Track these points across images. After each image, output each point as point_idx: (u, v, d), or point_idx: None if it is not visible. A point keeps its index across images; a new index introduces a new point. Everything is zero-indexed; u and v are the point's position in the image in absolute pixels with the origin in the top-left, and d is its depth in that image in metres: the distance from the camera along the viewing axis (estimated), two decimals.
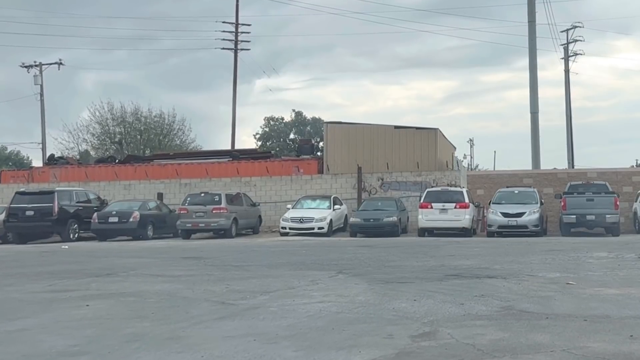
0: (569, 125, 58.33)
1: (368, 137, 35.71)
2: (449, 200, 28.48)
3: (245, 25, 53.86)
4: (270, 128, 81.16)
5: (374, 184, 34.37)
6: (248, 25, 54.22)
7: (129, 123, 63.24)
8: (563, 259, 16.17)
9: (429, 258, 17.22)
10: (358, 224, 28.88)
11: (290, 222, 29.43)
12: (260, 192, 34.78)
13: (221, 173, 35.84)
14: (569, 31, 58.43)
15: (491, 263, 15.50)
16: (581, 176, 33.33)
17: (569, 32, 58.45)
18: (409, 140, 35.48)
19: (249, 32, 54.12)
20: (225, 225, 28.94)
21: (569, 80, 58.95)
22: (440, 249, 20.39)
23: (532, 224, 27.53)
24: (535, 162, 43.90)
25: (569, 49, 58.85)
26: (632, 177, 33.37)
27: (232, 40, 53.11)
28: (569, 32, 58.39)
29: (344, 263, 16.14)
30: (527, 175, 34.55)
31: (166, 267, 15.98)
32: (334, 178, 34.78)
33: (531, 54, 45.43)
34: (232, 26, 53.16)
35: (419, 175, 34.08)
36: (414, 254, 18.53)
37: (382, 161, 34.83)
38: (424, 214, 28.33)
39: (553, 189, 32.87)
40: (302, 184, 34.75)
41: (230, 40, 53.25)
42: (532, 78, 44.83)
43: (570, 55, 59.05)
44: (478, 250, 19.88)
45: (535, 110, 45.45)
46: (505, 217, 27.69)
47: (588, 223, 27.81)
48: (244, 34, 53.64)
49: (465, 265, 15.18)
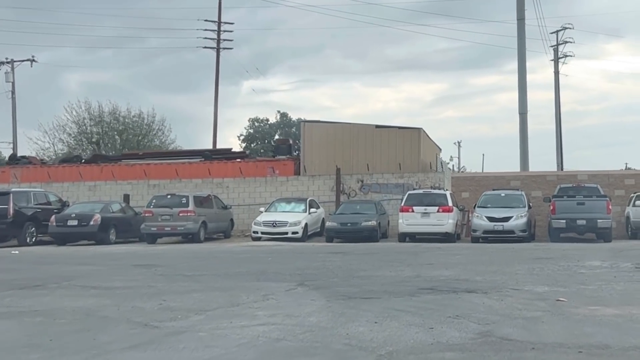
0: (559, 128, 57.24)
1: (347, 137, 34.18)
2: (432, 203, 26.96)
3: (228, 24, 52.77)
4: (255, 129, 79.62)
5: (353, 186, 32.83)
6: (231, 24, 53.10)
7: (106, 123, 61.54)
8: (552, 269, 14.67)
9: (404, 267, 15.69)
10: (334, 229, 27.33)
11: (263, 226, 27.85)
12: (233, 194, 33.18)
13: (192, 174, 34.22)
14: (559, 32, 57.44)
15: (472, 273, 13.98)
16: (571, 178, 31.87)
17: (558, 33, 57.45)
18: (391, 140, 33.97)
19: (231, 31, 52.93)
20: (193, 229, 27.33)
21: (558, 81, 58.02)
22: (419, 257, 18.87)
23: (519, 229, 26.05)
24: (524, 164, 42.48)
25: (558, 51, 57.85)
26: (625, 179, 31.96)
27: (215, 39, 51.74)
28: (559, 34, 57.45)
29: (309, 273, 14.59)
30: (515, 178, 33.05)
31: (109, 276, 14.38)
32: (311, 180, 33.22)
33: (520, 52, 43.98)
34: (215, 25, 51.85)
35: (401, 177, 32.57)
36: (389, 262, 17.01)
37: (363, 162, 33.29)
38: (404, 218, 26.79)
39: (542, 192, 31.42)
40: (278, 186, 33.18)
41: (212, 39, 51.92)
42: (521, 78, 43.41)
43: (560, 57, 58.11)
44: (460, 258, 18.36)
45: (523, 111, 43.99)
46: (490, 222, 26.19)
47: (578, 228, 26.38)
48: (226, 33, 52.52)
49: (443, 276, 13.66)
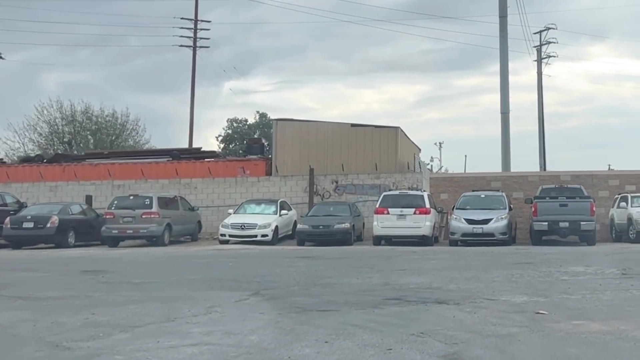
0: (541, 128, 56.62)
1: (322, 136, 33.12)
2: (408, 205, 25.93)
3: (204, 22, 51.93)
4: (233, 130, 78.55)
5: (327, 187, 31.75)
6: (208, 22, 52.32)
7: (79, 122, 60.24)
8: (533, 276, 13.63)
9: (374, 273, 14.62)
10: (305, 232, 26.24)
11: (231, 228, 26.70)
12: (201, 195, 32.02)
13: (159, 174, 33.01)
14: (542, 33, 56.92)
15: (446, 281, 12.93)
16: (554, 179, 30.90)
17: (542, 33, 56.94)
18: (367, 139, 32.95)
19: (208, 29, 52.06)
20: (157, 232, 26.14)
21: (541, 82, 57.52)
22: (392, 261, 17.81)
23: (499, 231, 25.06)
24: (506, 165, 41.50)
25: (542, 51, 57.39)
26: (609, 180, 31.06)
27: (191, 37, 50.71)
28: (542, 34, 56.93)
29: (269, 280, 13.49)
30: (495, 178, 32.07)
31: (47, 284, 13.21)
32: (283, 180, 32.11)
33: (502, 50, 42.99)
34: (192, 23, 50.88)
35: (377, 178, 31.53)
36: (358, 268, 15.93)
37: (337, 162, 32.25)
38: (379, 220, 25.75)
39: (523, 193, 30.47)
40: (248, 187, 32.03)
41: (189, 37, 50.98)
42: (503, 76, 42.40)
43: (544, 58, 57.74)
44: (435, 263, 17.31)
45: (505, 110, 43.00)
46: (469, 224, 25.18)
47: (561, 231, 25.42)
48: (203, 31, 51.60)
49: (414, 283, 12.60)
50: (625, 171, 31.93)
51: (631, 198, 27.04)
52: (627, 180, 30.71)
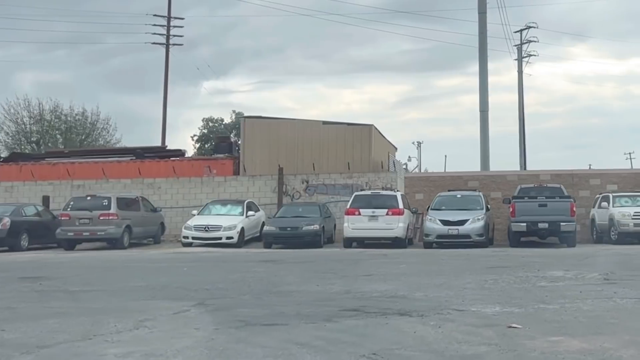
0: (522, 127, 56.11)
1: (292, 134, 32.12)
2: (381, 205, 24.98)
3: (178, 19, 50.93)
4: (209, 129, 77.48)
5: (297, 187, 30.68)
6: (181, 19, 51.27)
7: (47, 121, 58.97)
8: (508, 282, 12.66)
9: (337, 279, 13.61)
10: (272, 234, 25.24)
11: (194, 230, 25.63)
12: (165, 196, 30.85)
13: (121, 173, 31.78)
14: (523, 31, 56.54)
15: (414, 288, 11.94)
16: (533, 179, 30.06)
17: (522, 32, 56.56)
18: (339, 137, 31.98)
19: (182, 27, 51.07)
20: (115, 234, 24.99)
21: (522, 80, 57.07)
22: (359, 266, 16.81)
23: (475, 233, 24.17)
24: (485, 164, 40.69)
25: (522, 50, 57.10)
26: (590, 179, 30.23)
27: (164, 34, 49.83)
28: (523, 33, 56.51)
29: (220, 288, 12.46)
30: (473, 178, 31.16)
31: None
32: (252, 180, 30.99)
33: (481, 47, 42.17)
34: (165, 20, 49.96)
35: (349, 177, 30.51)
36: (322, 273, 14.92)
37: (308, 161, 31.24)
38: (350, 221, 24.77)
39: (502, 193, 29.57)
40: (215, 187, 30.89)
41: (162, 35, 50.04)
42: (482, 74, 41.58)
43: (524, 57, 57.44)
44: (405, 267, 16.33)
45: (485, 108, 42.21)
46: (444, 225, 24.28)
47: (540, 232, 24.63)
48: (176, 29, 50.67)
49: (378, 291, 11.60)
50: (607, 170, 31.16)
51: (613, 198, 26.31)
52: (608, 180, 29.92)
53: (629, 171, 33.71)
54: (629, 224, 24.88)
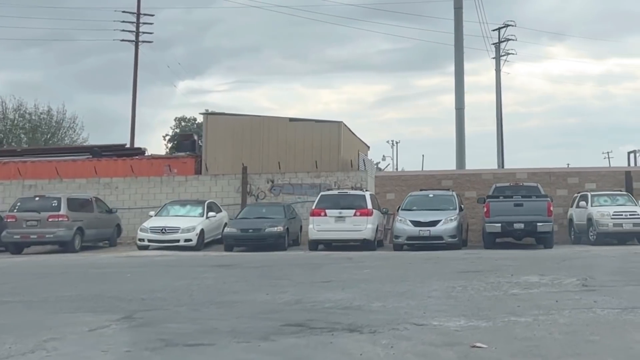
0: (500, 126, 55.76)
1: (257, 132, 30.97)
2: (348, 206, 23.86)
3: (148, 16, 49.79)
4: (181, 129, 76.25)
5: (262, 186, 29.49)
6: (151, 15, 50.19)
7: (10, 120, 57.54)
8: (477, 289, 11.57)
9: (291, 287, 12.49)
10: (233, 236, 24.05)
11: (150, 232, 24.38)
12: (123, 196, 29.54)
13: (76, 173, 30.42)
14: (501, 30, 56.24)
15: (373, 297, 10.84)
16: (509, 177, 29.15)
17: (500, 30, 56.23)
18: (307, 135, 30.87)
19: (152, 24, 49.94)
20: (65, 236, 23.70)
21: (499, 79, 56.84)
22: (319, 271, 15.68)
23: (448, 234, 23.12)
24: (460, 163, 39.83)
25: (500, 49, 56.91)
26: (568, 178, 29.31)
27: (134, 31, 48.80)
28: (501, 31, 56.21)
29: (158, 297, 11.29)
30: (446, 177, 30.14)
31: None
32: (214, 180, 29.77)
33: (457, 43, 41.28)
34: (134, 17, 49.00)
35: (317, 177, 29.38)
36: (276, 280, 13.80)
37: (274, 160, 30.07)
38: (315, 222, 23.63)
39: (476, 193, 28.61)
40: (175, 187, 29.62)
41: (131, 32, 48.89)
42: (457, 71, 40.68)
43: (502, 55, 57.23)
44: (369, 272, 15.23)
45: (460, 106, 41.39)
46: (415, 227, 23.22)
47: (516, 233, 23.67)
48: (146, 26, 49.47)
49: (332, 301, 10.49)
50: (585, 168, 30.26)
51: (591, 197, 25.49)
52: (586, 178, 29.05)
53: (608, 169, 32.84)
54: (608, 224, 24.05)
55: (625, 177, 28.74)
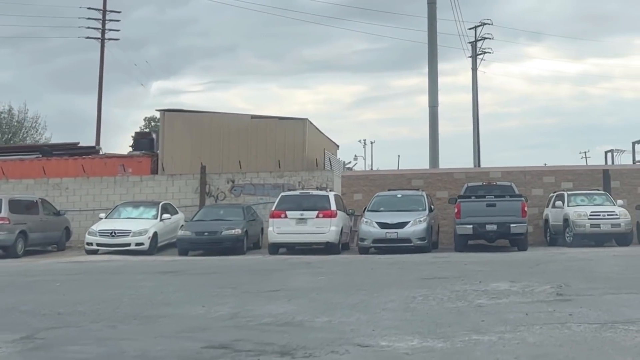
0: (476, 126, 54.96)
1: (217, 130, 29.71)
2: (310, 207, 22.69)
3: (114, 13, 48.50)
4: (151, 129, 74.92)
5: (222, 187, 28.20)
6: (118, 12, 48.91)
7: None
8: (440, 299, 10.42)
9: (233, 297, 11.30)
10: (188, 239, 22.77)
11: (99, 236, 23.05)
12: (73, 197, 28.12)
13: (23, 173, 28.96)
14: (478, 28, 55.48)
15: (320, 309, 9.67)
16: (483, 176, 28.05)
17: (477, 29, 55.51)
18: (270, 132, 29.65)
19: (118, 20, 48.64)
20: (6, 241, 22.26)
21: (476, 78, 55.81)
22: (271, 278, 14.49)
23: (416, 236, 21.98)
24: (434, 162, 38.72)
25: (477, 47, 56.08)
26: (544, 177, 28.24)
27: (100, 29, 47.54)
28: (478, 30, 55.46)
29: (78, 311, 10.07)
30: (417, 176, 28.99)
31: None
32: (171, 180, 28.43)
33: (431, 39, 40.10)
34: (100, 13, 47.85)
35: (280, 177, 28.15)
36: (219, 289, 12.56)
37: (235, 159, 28.83)
38: (275, 225, 22.42)
39: (448, 192, 27.47)
40: (129, 187, 28.25)
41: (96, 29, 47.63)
42: (431, 67, 39.49)
43: (479, 54, 56.51)
44: (324, 279, 14.04)
45: (434, 104, 40.20)
46: (382, 229, 22.07)
47: (488, 234, 22.61)
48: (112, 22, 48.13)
49: (272, 315, 9.31)
50: (562, 167, 29.24)
51: (568, 196, 24.56)
52: (563, 177, 28.01)
53: (585, 168, 31.88)
54: (585, 224, 23.11)
55: (603, 176, 27.76)
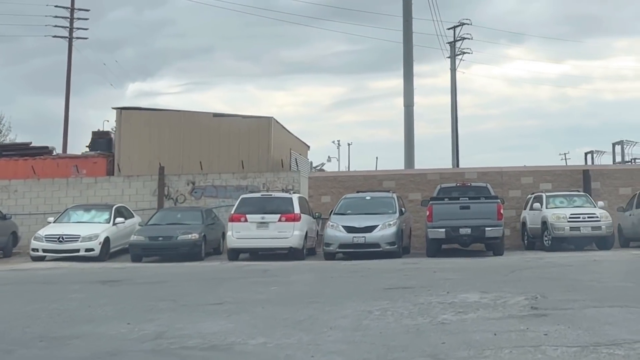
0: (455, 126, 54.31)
1: (177, 129, 28.63)
2: (273, 210, 21.52)
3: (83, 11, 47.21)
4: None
5: (182, 189, 26.97)
6: (86, 10, 47.63)
7: None
8: (399, 314, 9.25)
9: (166, 313, 10.10)
10: (140, 244, 21.53)
11: (45, 241, 21.73)
12: (23, 200, 26.75)
13: None
14: (457, 28, 55.10)
15: (259, 327, 8.54)
16: (458, 177, 26.96)
17: (456, 29, 55.12)
18: (233, 132, 28.52)
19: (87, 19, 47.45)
20: None
21: (455, 78, 55.14)
22: (219, 288, 13.28)
23: (385, 241, 20.86)
24: (409, 162, 37.60)
25: (455, 47, 55.39)
26: (521, 177, 27.18)
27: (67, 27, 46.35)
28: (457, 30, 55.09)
29: None
30: (389, 177, 27.83)
31: None
32: (128, 181, 27.15)
33: (406, 37, 38.96)
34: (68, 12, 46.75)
35: (244, 178, 26.97)
36: (157, 301, 11.32)
37: (195, 159, 27.62)
38: (235, 229, 21.22)
39: (421, 194, 26.34)
40: (83, 190, 26.92)
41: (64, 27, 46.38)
42: (406, 66, 38.35)
43: (458, 54, 55.94)
44: (276, 289, 12.87)
45: (409, 103, 39.11)
46: (349, 233, 20.93)
47: (462, 239, 21.55)
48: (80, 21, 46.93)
49: (202, 334, 8.16)
50: (540, 167, 28.21)
51: (546, 198, 23.65)
52: (542, 178, 26.97)
53: (564, 168, 30.93)
54: (565, 227, 22.11)
55: (583, 177, 26.73)
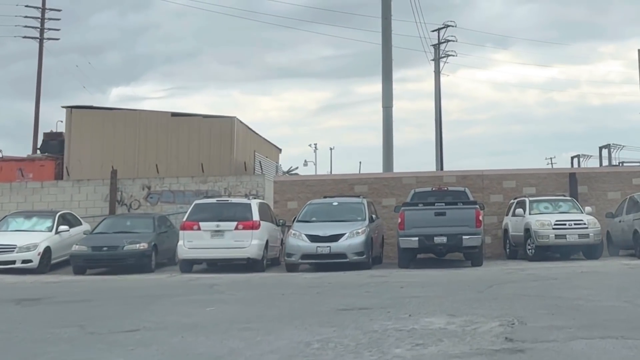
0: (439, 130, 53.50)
1: (132, 130, 27.20)
2: (229, 217, 19.93)
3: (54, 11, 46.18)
4: None
5: (136, 194, 25.37)
6: (58, 10, 46.60)
7: None
8: (343, 346, 7.60)
9: (64, 344, 8.54)
10: (82, 255, 19.89)
11: None
12: None
13: None
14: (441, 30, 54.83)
15: None
16: (435, 181, 25.32)
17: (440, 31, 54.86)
18: (193, 133, 27.11)
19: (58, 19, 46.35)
20: None
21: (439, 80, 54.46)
22: (147, 308, 11.56)
23: (353, 250, 19.29)
24: (388, 165, 36.06)
25: (440, 50, 54.88)
26: (503, 181, 25.62)
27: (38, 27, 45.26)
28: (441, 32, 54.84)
29: None
30: (360, 181, 26.22)
31: None
32: (77, 186, 25.55)
33: (385, 34, 37.37)
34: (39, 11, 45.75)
35: (204, 182, 25.44)
36: (63, 328, 9.66)
37: (152, 162, 26.13)
38: (187, 238, 19.56)
39: (396, 200, 24.74)
40: (28, 195, 25.35)
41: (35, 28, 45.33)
42: (385, 64, 36.72)
43: (442, 57, 55.21)
44: (212, 310, 11.19)
45: (388, 104, 37.55)
46: (312, 242, 19.38)
47: (437, 248, 20.08)
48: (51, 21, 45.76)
49: None
50: (523, 170, 26.63)
51: (529, 203, 22.28)
52: (525, 182, 25.45)
53: (549, 171, 29.33)
54: (549, 235, 20.76)
55: (570, 180, 25.22)
